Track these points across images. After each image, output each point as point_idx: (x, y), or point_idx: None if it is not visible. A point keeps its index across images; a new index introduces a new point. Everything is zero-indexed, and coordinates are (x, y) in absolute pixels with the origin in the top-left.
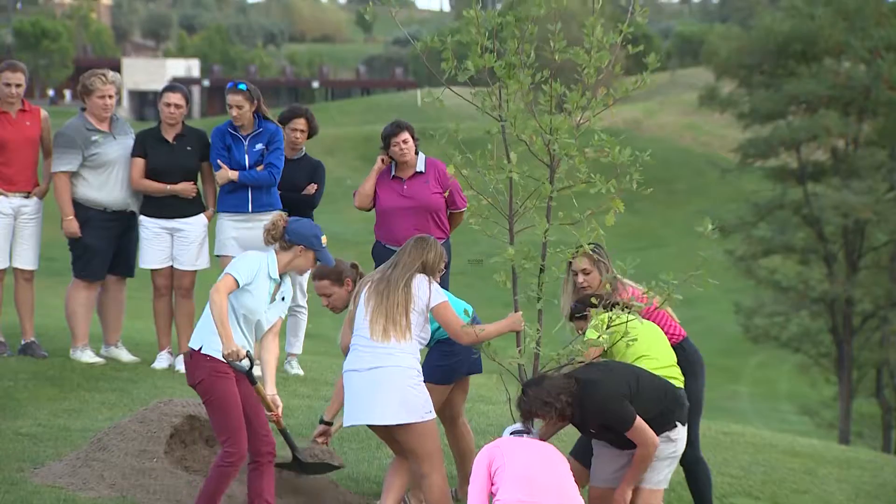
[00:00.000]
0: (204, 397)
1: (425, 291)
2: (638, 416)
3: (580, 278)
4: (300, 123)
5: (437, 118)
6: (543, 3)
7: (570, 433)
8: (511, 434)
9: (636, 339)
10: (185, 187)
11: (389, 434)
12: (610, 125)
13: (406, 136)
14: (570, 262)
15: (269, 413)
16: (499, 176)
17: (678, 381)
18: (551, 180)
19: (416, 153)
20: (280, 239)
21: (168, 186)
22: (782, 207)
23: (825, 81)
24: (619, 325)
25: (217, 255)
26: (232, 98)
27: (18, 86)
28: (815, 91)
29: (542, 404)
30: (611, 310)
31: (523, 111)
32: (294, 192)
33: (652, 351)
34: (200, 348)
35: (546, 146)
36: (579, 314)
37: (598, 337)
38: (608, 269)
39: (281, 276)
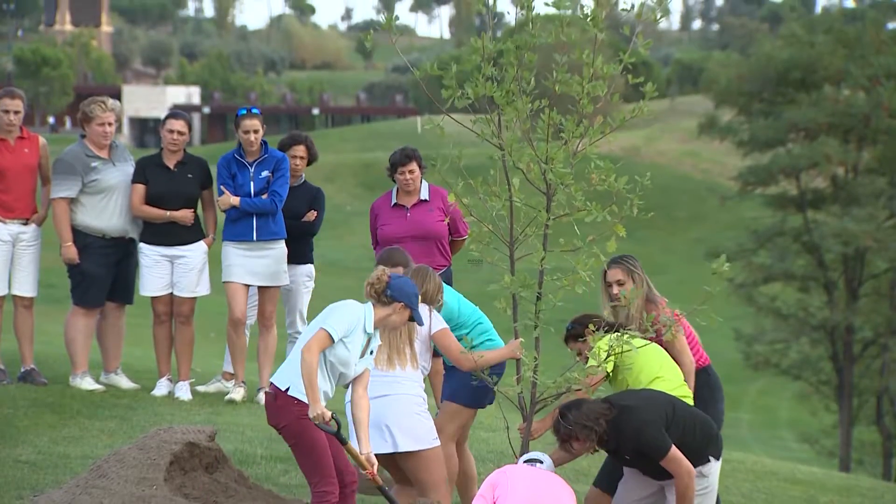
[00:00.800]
0: (290, 441)
1: (426, 320)
2: (673, 445)
3: (614, 289)
4: (300, 150)
5: (437, 145)
6: (547, 33)
7: (584, 464)
8: (525, 462)
9: (630, 368)
10: (184, 214)
11: (394, 462)
12: (609, 152)
13: (414, 166)
14: (605, 274)
15: (363, 472)
16: (498, 203)
17: (689, 399)
18: (548, 208)
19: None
20: (381, 294)
21: (168, 213)
22: (782, 235)
23: (825, 109)
24: (621, 351)
25: (224, 282)
26: (249, 123)
27: (17, 113)
28: (814, 118)
29: (582, 428)
30: (614, 332)
31: (519, 139)
32: (294, 219)
33: (664, 371)
34: (287, 389)
35: (542, 174)
36: (575, 336)
37: (599, 365)
38: (643, 280)
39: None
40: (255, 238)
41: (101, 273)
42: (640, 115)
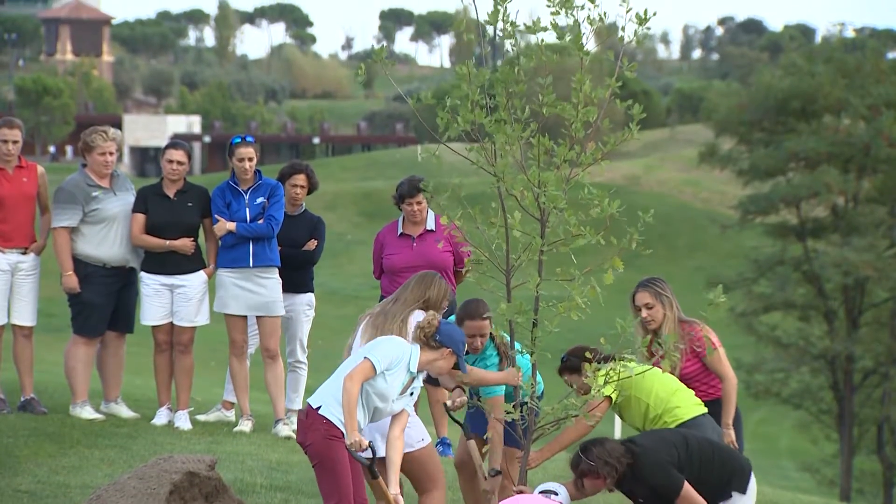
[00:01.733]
0: (314, 460)
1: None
2: (687, 484)
3: (644, 313)
4: (300, 179)
5: (437, 174)
6: (533, 56)
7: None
8: (540, 493)
9: (640, 397)
10: (184, 243)
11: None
12: (609, 180)
13: (421, 197)
14: (633, 297)
15: None
16: (493, 230)
17: (701, 408)
18: (542, 234)
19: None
20: (431, 338)
21: (167, 242)
22: (783, 264)
23: (825, 138)
24: (618, 378)
25: (220, 312)
26: (243, 151)
27: (15, 142)
28: (814, 148)
29: (604, 464)
30: (609, 361)
31: (512, 166)
32: (294, 248)
33: (676, 397)
34: (319, 408)
35: (536, 200)
36: (570, 368)
37: (597, 391)
38: (672, 303)
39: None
40: (251, 264)
41: (102, 302)
42: (630, 139)
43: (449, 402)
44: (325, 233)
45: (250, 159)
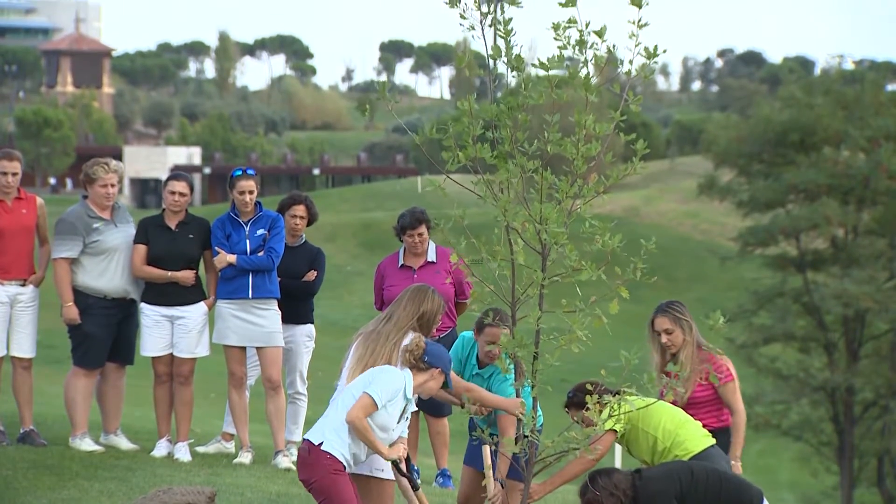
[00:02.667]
0: (320, 497)
1: None
2: None
3: (663, 338)
4: (300, 210)
5: (437, 205)
6: (538, 94)
7: None
8: None
9: (647, 430)
10: (185, 275)
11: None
12: (609, 212)
13: (423, 229)
14: (652, 322)
15: None
16: (495, 263)
17: (708, 440)
18: (543, 268)
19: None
20: (419, 360)
21: (168, 273)
22: (782, 295)
23: (824, 170)
24: (619, 412)
25: (220, 344)
26: (244, 184)
27: (14, 174)
28: (814, 180)
29: (609, 495)
30: (612, 395)
31: (514, 200)
32: (294, 279)
33: (682, 431)
34: (321, 444)
35: (537, 234)
36: (577, 404)
37: (599, 424)
38: (691, 327)
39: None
40: (250, 296)
41: (103, 334)
42: (633, 174)
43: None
44: (324, 264)
45: (251, 192)
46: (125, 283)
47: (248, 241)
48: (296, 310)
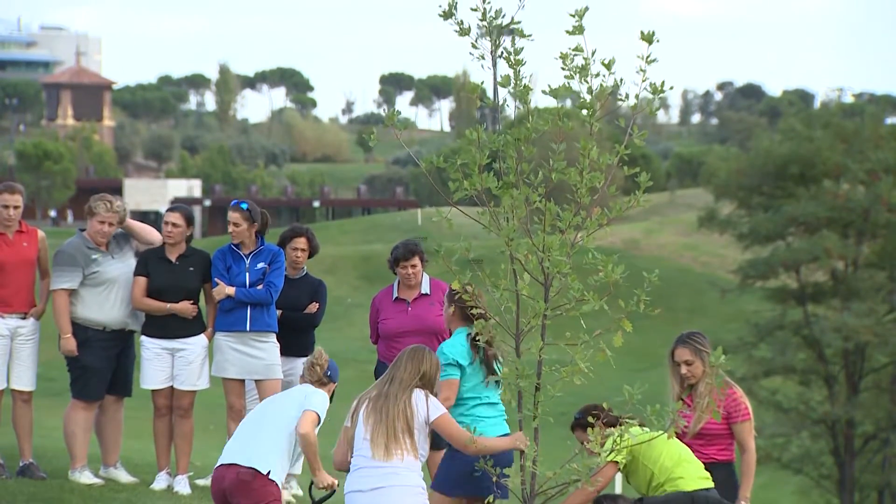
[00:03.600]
0: None
1: (423, 406)
2: None
3: (683, 369)
4: (301, 243)
5: (438, 236)
6: (544, 121)
7: None
8: None
9: (647, 462)
10: (184, 307)
11: None
12: (609, 244)
13: (416, 260)
14: (672, 353)
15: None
16: (497, 293)
17: (708, 482)
18: (546, 298)
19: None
20: (322, 375)
21: (168, 305)
22: (782, 328)
23: (824, 203)
24: (621, 444)
25: (218, 377)
26: (231, 215)
27: (16, 208)
28: (814, 213)
29: None
30: (614, 426)
31: (517, 229)
32: (296, 311)
33: (680, 466)
34: (269, 473)
35: (540, 264)
36: (584, 425)
37: (600, 455)
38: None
39: None
40: (248, 328)
41: (102, 366)
42: (637, 206)
43: (329, 482)
44: (326, 296)
45: (235, 224)
46: (124, 315)
47: (247, 274)
48: (297, 342)
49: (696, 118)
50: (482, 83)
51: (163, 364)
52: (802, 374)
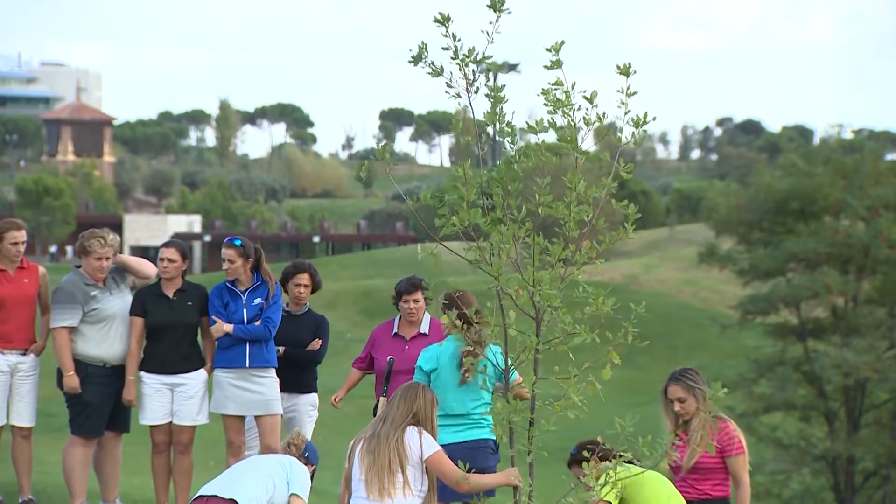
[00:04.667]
0: None
1: (416, 444)
2: None
3: (676, 406)
4: (304, 279)
5: (437, 272)
6: (532, 156)
7: None
8: None
9: (636, 499)
10: (128, 397)
11: None
12: (609, 279)
13: (419, 295)
14: (665, 390)
15: None
16: (489, 331)
17: None
18: (537, 333)
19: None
20: (301, 454)
21: (130, 378)
22: (783, 364)
23: (824, 239)
24: (616, 478)
25: (217, 413)
26: (224, 252)
27: (23, 243)
28: (814, 248)
29: None
30: (609, 460)
31: (507, 265)
32: (299, 348)
33: (673, 499)
34: None
35: (531, 298)
36: (579, 461)
37: (595, 490)
38: (705, 395)
39: None
40: (247, 365)
41: (102, 402)
42: (626, 239)
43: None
44: (328, 332)
45: (230, 261)
46: (124, 351)
47: (245, 311)
48: (299, 378)
49: (695, 154)
50: (459, 120)
51: (162, 400)
52: (803, 410)
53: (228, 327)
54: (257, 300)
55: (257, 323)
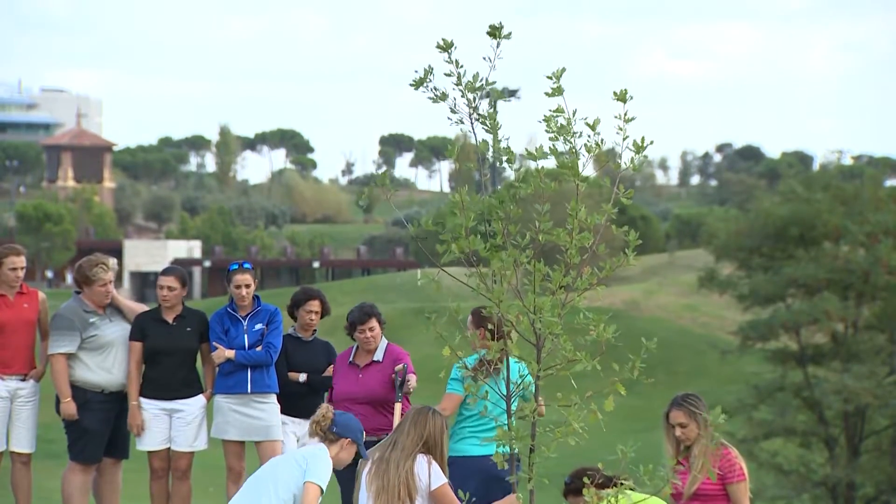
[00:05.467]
0: None
1: (425, 474)
2: None
3: (678, 432)
4: (315, 305)
5: (437, 298)
6: (532, 182)
7: None
8: None
9: None
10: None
11: None
12: (609, 305)
13: (373, 323)
14: (666, 415)
15: None
16: (491, 355)
17: None
18: (538, 360)
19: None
20: (328, 431)
21: (132, 403)
22: (783, 390)
23: (824, 265)
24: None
25: (218, 438)
26: (240, 277)
27: (22, 269)
28: (814, 274)
29: None
30: (607, 487)
31: (507, 291)
32: (315, 374)
33: None
34: None
35: (531, 325)
36: (575, 490)
37: None
38: (706, 421)
39: None
40: (249, 390)
41: (100, 429)
42: (626, 265)
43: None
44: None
45: (247, 286)
46: (122, 377)
47: (245, 336)
48: (310, 404)
49: (695, 180)
50: (455, 146)
51: (161, 425)
52: (803, 436)
53: (230, 353)
54: (258, 326)
55: (258, 348)
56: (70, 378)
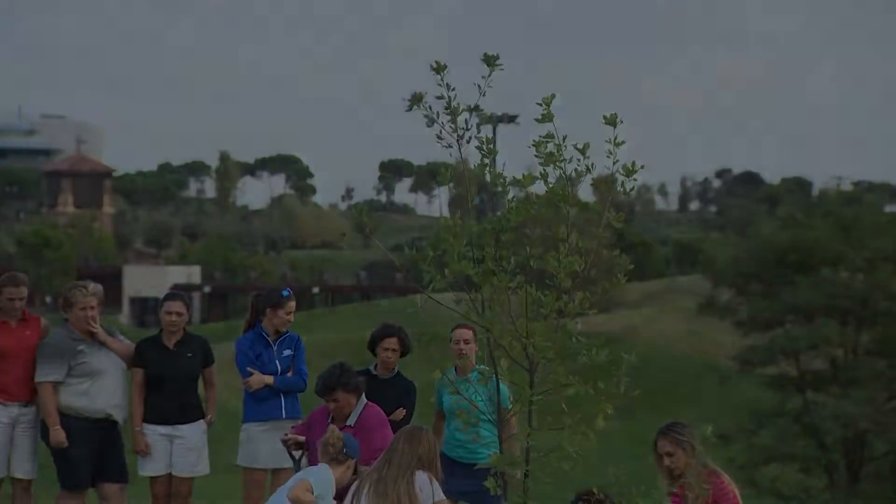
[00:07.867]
0: None
1: (428, 489)
2: None
3: (665, 461)
4: (392, 343)
5: (434, 324)
6: (522, 211)
7: None
8: None
9: None
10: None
11: None
12: (608, 330)
13: (338, 395)
14: (655, 444)
15: None
16: (483, 381)
17: None
18: (531, 384)
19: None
20: (340, 453)
21: (136, 429)
22: (782, 415)
23: (823, 291)
24: None
25: (246, 467)
26: (292, 304)
27: (21, 299)
28: (813, 300)
29: None
30: None
31: (500, 316)
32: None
33: None
34: None
35: (524, 350)
36: None
37: None
38: (694, 448)
39: None
40: (283, 416)
41: (86, 455)
42: (617, 289)
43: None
44: (415, 397)
45: (290, 312)
46: (107, 405)
47: (278, 362)
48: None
49: (694, 205)
50: (447, 172)
51: (162, 450)
52: (803, 461)
53: (269, 379)
54: (286, 351)
55: (289, 374)
56: (58, 405)
